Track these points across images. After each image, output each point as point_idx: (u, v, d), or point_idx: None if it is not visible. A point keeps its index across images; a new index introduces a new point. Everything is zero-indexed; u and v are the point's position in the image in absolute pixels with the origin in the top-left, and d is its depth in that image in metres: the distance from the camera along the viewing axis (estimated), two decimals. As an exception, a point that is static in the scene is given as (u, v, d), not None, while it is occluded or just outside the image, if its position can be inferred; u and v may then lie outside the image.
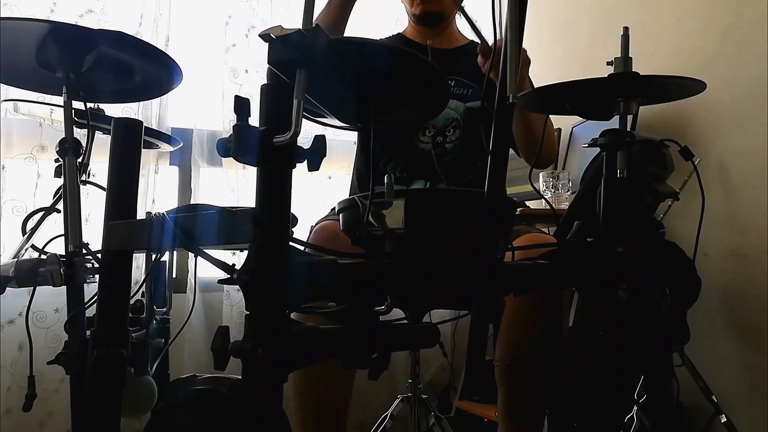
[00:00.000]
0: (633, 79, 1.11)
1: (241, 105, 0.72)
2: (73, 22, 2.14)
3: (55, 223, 1.39)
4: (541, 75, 1.81)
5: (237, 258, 2.04)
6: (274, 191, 0.73)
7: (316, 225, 1.53)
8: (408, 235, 0.85)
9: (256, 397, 0.73)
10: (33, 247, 1.27)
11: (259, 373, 0.72)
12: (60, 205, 1.31)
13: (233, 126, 0.71)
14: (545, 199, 1.33)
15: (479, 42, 1.50)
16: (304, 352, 0.78)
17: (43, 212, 1.41)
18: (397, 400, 2.09)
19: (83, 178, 1.35)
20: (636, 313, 1.16)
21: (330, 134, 1.69)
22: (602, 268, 1.12)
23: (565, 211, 1.39)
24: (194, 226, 0.81)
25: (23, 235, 1.41)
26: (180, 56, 1.40)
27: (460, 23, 1.88)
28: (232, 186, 2.42)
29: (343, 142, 2.38)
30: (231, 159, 0.73)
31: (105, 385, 0.95)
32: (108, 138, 1.00)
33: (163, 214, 0.83)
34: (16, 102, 1.64)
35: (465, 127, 1.71)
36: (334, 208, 1.71)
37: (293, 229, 0.78)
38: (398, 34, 1.89)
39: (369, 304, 0.85)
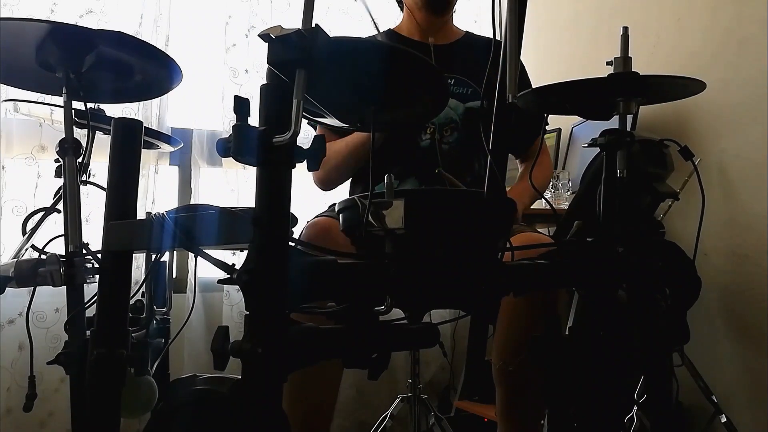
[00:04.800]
0: (633, 79, 1.11)
1: (241, 105, 0.72)
2: (73, 23, 2.14)
3: (55, 223, 1.39)
4: (541, 75, 1.81)
5: (237, 258, 2.04)
6: (274, 191, 0.73)
7: (309, 222, 1.52)
8: (408, 235, 0.85)
9: (255, 397, 0.73)
10: (33, 247, 1.27)
11: (259, 373, 0.72)
12: (60, 206, 1.31)
13: (233, 126, 0.71)
14: (545, 199, 1.33)
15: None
16: (303, 352, 0.78)
17: (43, 212, 1.41)
18: (397, 400, 2.09)
19: (83, 178, 1.35)
20: (636, 313, 1.16)
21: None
22: (602, 268, 1.12)
23: (565, 211, 1.39)
24: (194, 226, 0.81)
25: (23, 235, 1.41)
26: (180, 56, 1.40)
27: (456, 16, 1.87)
28: (232, 186, 2.41)
29: (342, 142, 2.37)
30: (231, 159, 0.73)
31: (105, 385, 0.95)
32: (108, 138, 1.00)
33: (162, 214, 0.83)
34: (16, 102, 1.64)
35: (463, 129, 1.70)
36: (331, 206, 1.71)
37: (293, 230, 0.78)
38: (391, 30, 1.84)
39: (369, 304, 0.85)
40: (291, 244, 0.75)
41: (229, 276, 0.75)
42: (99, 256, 1.01)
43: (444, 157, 1.68)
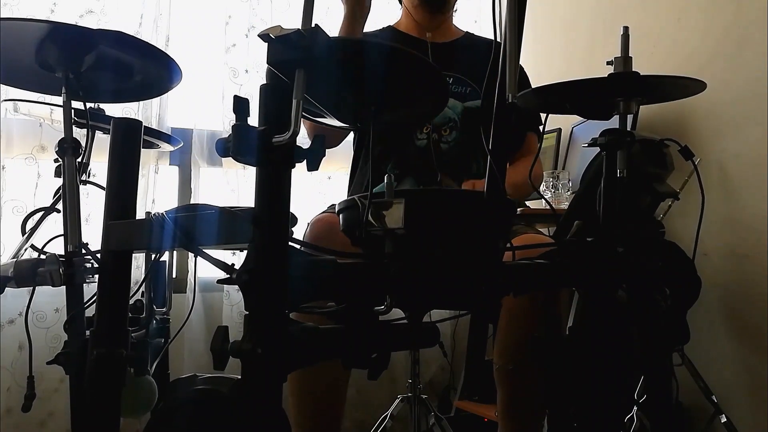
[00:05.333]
0: (633, 78, 1.11)
1: (240, 105, 0.72)
2: (73, 23, 2.13)
3: (55, 223, 1.38)
4: (541, 75, 1.80)
5: (237, 258, 2.04)
6: (274, 191, 0.73)
7: (312, 219, 1.52)
8: (408, 235, 0.85)
9: (255, 397, 0.73)
10: (32, 247, 1.27)
11: (259, 373, 0.72)
12: (59, 205, 1.31)
13: (232, 126, 0.71)
14: (545, 199, 1.33)
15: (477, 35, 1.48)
16: (303, 352, 0.78)
17: (42, 212, 1.41)
18: (397, 400, 2.09)
19: (83, 178, 1.35)
20: (636, 313, 1.16)
21: (330, 134, 1.70)
22: (602, 268, 1.12)
23: (565, 211, 1.39)
24: (194, 226, 0.81)
25: (23, 235, 1.41)
26: (180, 56, 1.39)
27: (456, 15, 1.87)
28: (232, 186, 2.41)
29: (342, 142, 2.37)
30: (231, 159, 0.73)
31: (104, 385, 0.95)
32: (108, 138, 1.00)
33: (162, 214, 0.83)
34: (16, 102, 1.63)
35: (462, 129, 1.69)
36: (332, 205, 1.71)
37: (293, 229, 0.78)
38: (390, 27, 1.84)
39: (369, 304, 0.85)
40: (290, 244, 0.75)
41: (228, 276, 0.74)
42: (98, 255, 1.01)
43: (442, 157, 1.68)
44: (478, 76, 1.69)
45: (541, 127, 1.79)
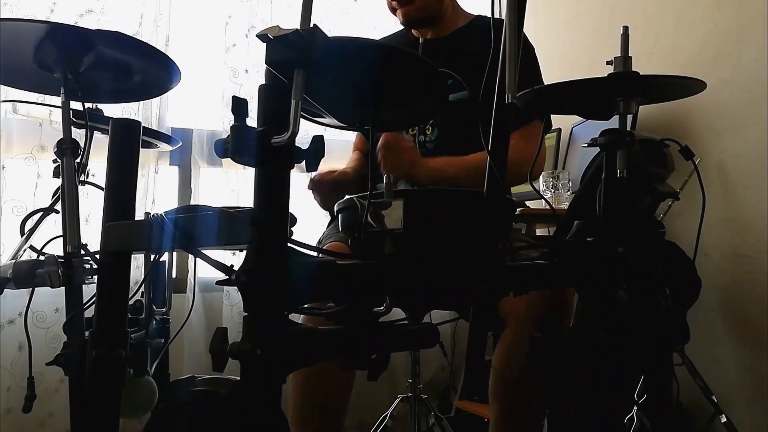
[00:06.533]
0: (633, 78, 1.11)
1: (239, 105, 0.72)
2: (73, 23, 2.13)
3: (55, 224, 1.38)
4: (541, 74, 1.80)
5: (237, 258, 2.03)
6: (273, 192, 0.72)
7: (321, 245, 1.51)
8: (407, 235, 0.85)
9: (254, 398, 0.73)
10: (31, 247, 1.27)
11: (258, 375, 0.72)
12: (59, 206, 1.30)
13: (231, 126, 0.71)
14: (545, 199, 1.33)
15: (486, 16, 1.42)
16: (302, 353, 0.78)
17: (41, 213, 1.41)
18: (397, 400, 2.09)
19: (82, 178, 1.35)
20: (636, 313, 1.16)
21: (329, 134, 1.70)
22: (602, 268, 1.11)
23: (565, 211, 1.38)
24: (192, 227, 0.81)
25: (22, 236, 1.40)
26: (180, 56, 1.40)
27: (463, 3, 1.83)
28: (232, 186, 2.41)
29: (342, 142, 2.37)
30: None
31: (104, 386, 0.95)
32: (107, 138, 1.00)
33: (160, 214, 0.82)
34: (15, 102, 1.63)
35: (443, 125, 1.64)
36: (331, 221, 1.69)
37: (292, 229, 0.78)
38: (404, 29, 1.83)
39: (368, 305, 0.85)
40: (289, 244, 0.74)
41: (227, 277, 0.74)
42: (97, 256, 1.01)
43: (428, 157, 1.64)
44: (473, 62, 1.64)
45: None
